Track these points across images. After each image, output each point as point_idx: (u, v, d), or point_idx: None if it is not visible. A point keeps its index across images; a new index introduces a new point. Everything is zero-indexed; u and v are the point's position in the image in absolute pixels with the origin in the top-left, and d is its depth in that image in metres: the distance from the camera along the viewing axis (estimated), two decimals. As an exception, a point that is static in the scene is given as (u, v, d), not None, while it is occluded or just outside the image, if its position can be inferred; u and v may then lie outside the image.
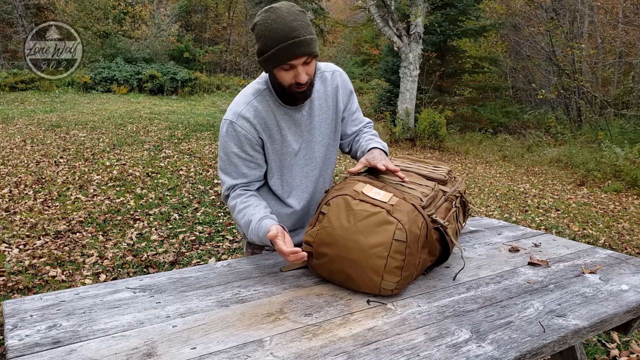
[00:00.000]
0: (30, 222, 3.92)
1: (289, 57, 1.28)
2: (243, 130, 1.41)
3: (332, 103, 1.55)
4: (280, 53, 1.28)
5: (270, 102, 1.44)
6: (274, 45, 1.27)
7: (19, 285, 2.83)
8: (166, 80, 16.55)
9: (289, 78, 1.34)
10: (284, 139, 1.46)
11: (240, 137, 1.42)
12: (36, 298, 1.15)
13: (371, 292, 1.20)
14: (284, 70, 1.33)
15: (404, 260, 1.17)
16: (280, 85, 1.37)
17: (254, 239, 1.41)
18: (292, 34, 1.26)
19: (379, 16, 10.31)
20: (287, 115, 1.46)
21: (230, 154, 1.44)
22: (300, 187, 1.56)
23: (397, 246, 1.16)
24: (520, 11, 13.85)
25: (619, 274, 1.47)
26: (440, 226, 1.28)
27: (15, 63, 16.81)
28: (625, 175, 7.30)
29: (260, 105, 1.43)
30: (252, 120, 1.41)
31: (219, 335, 1.01)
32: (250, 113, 1.41)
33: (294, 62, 1.30)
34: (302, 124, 1.49)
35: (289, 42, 1.26)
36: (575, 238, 4.39)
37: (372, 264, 1.16)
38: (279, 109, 1.45)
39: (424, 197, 1.30)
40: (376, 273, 1.17)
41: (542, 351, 1.04)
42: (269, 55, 1.29)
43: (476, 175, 7.65)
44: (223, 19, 23.74)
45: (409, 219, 1.18)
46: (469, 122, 13.04)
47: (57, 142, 7.18)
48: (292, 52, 1.28)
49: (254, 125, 1.42)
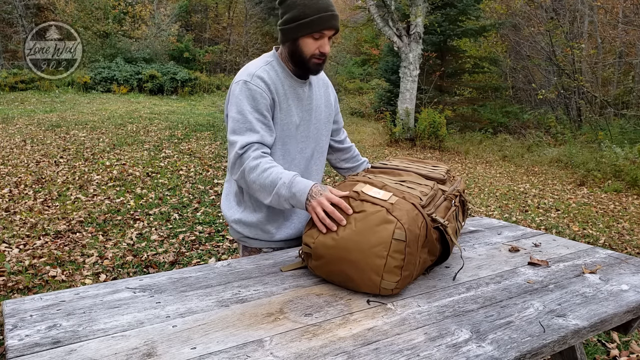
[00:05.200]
0: (30, 222, 3.92)
1: (326, 26, 1.40)
2: (258, 88, 1.43)
3: (324, 94, 1.66)
4: (319, 21, 1.39)
5: (280, 72, 1.50)
6: (314, 13, 1.38)
7: (19, 285, 2.83)
8: (166, 80, 16.55)
9: (313, 48, 1.43)
10: (289, 109, 1.51)
11: (256, 95, 1.43)
12: (36, 298, 1.15)
13: (371, 292, 1.20)
14: (312, 40, 1.42)
15: (403, 259, 1.16)
16: (301, 55, 1.44)
17: (278, 197, 1.35)
18: (331, 7, 1.42)
19: (379, 16, 10.31)
20: (291, 88, 1.52)
21: (245, 112, 1.42)
22: (294, 161, 1.57)
23: (396, 245, 1.16)
24: (520, 11, 13.85)
25: (619, 274, 1.47)
26: (440, 225, 1.27)
27: (15, 63, 16.80)
28: (625, 175, 7.30)
29: (271, 71, 1.49)
30: (267, 81, 1.45)
31: (219, 335, 1.01)
32: (264, 74, 1.46)
33: (327, 32, 1.43)
34: (304, 100, 1.55)
35: (329, 14, 1.40)
36: (575, 238, 4.39)
37: (372, 264, 1.16)
38: (286, 79, 1.51)
39: (423, 197, 1.29)
40: (376, 273, 1.16)
41: (542, 351, 1.04)
42: (307, 22, 1.39)
43: (476, 175, 7.65)
44: (223, 19, 23.73)
45: (408, 217, 1.18)
46: (469, 122, 13.04)
47: (57, 142, 7.18)
48: (329, 22, 1.41)
49: (268, 85, 1.46)
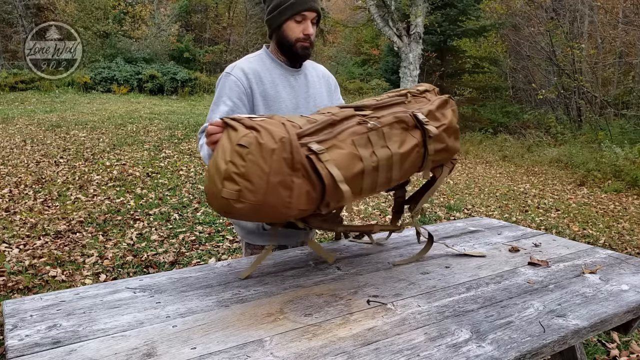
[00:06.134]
0: (30, 222, 3.92)
1: (305, 7, 1.48)
2: (234, 77, 1.52)
3: (324, 83, 1.70)
4: (298, 2, 1.47)
5: (268, 62, 1.58)
6: None
7: (19, 285, 2.83)
8: (166, 80, 16.54)
9: (298, 31, 1.50)
10: (278, 96, 1.55)
11: (231, 84, 1.52)
12: (36, 298, 1.15)
13: (217, 204, 1.12)
14: (295, 23, 1.49)
15: (244, 167, 1.07)
16: (288, 40, 1.52)
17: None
18: None
19: (379, 16, 10.31)
20: (283, 77, 1.58)
21: (218, 99, 1.54)
22: None
23: (239, 151, 1.07)
24: (520, 11, 13.84)
25: (619, 274, 1.47)
26: (313, 153, 1.13)
27: (15, 63, 16.80)
28: (625, 175, 7.29)
29: (257, 62, 1.57)
30: (246, 71, 1.53)
31: (219, 335, 1.01)
32: (245, 66, 1.55)
33: (307, 13, 1.49)
34: (298, 89, 1.60)
35: None
36: (575, 238, 4.39)
37: (217, 170, 1.10)
38: (277, 68, 1.58)
39: (310, 123, 1.19)
40: (219, 179, 1.09)
41: (542, 351, 1.04)
42: (287, 5, 1.47)
43: (476, 175, 7.65)
44: (223, 19, 23.72)
45: (265, 132, 1.08)
46: (469, 122, 13.03)
47: (57, 142, 7.18)
48: (308, 3, 1.48)
49: (247, 74, 1.53)
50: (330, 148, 1.16)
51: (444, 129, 1.34)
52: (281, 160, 1.09)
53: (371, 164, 1.21)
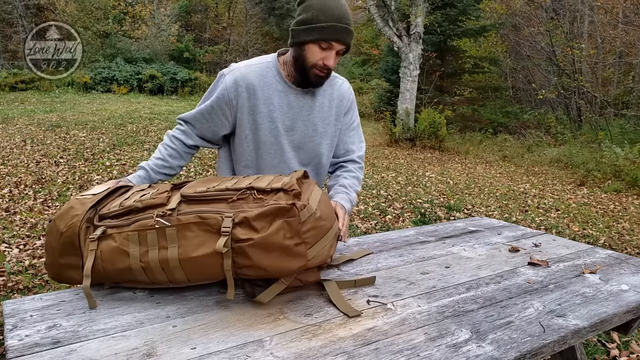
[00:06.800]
0: (30, 222, 3.92)
1: (336, 37, 1.34)
2: (224, 85, 1.44)
3: (336, 106, 1.55)
4: (330, 30, 1.32)
5: (271, 76, 1.45)
6: (327, 20, 1.32)
7: (19, 285, 2.82)
8: (166, 80, 16.55)
9: (317, 57, 1.37)
10: (270, 115, 1.45)
11: (216, 91, 1.46)
12: (36, 298, 1.15)
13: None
14: (319, 48, 1.36)
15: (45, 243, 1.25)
16: (304, 62, 1.38)
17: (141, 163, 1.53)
18: (346, 19, 1.35)
19: (379, 16, 10.31)
20: (283, 94, 1.45)
21: (206, 96, 1.50)
22: (273, 170, 1.51)
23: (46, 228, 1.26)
24: (520, 11, 13.84)
25: (619, 274, 1.47)
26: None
27: (15, 63, 16.80)
28: (625, 175, 7.29)
29: (258, 73, 1.44)
30: (239, 82, 1.43)
31: (219, 335, 1.01)
32: (242, 75, 1.43)
33: (336, 44, 1.35)
34: (298, 110, 1.48)
35: (342, 25, 1.34)
36: (575, 238, 4.39)
37: None
38: (278, 84, 1.45)
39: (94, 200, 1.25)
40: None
41: (542, 351, 1.04)
42: (318, 27, 1.33)
43: (476, 175, 7.65)
44: (223, 19, 23.72)
45: (58, 217, 1.21)
46: (469, 122, 13.03)
47: (57, 142, 7.17)
48: (340, 34, 1.34)
49: (238, 85, 1.43)
50: (108, 237, 1.16)
51: (251, 243, 1.09)
52: (66, 242, 1.18)
53: (140, 263, 1.13)
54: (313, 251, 1.15)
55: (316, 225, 1.16)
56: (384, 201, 5.25)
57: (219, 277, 1.14)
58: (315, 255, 1.16)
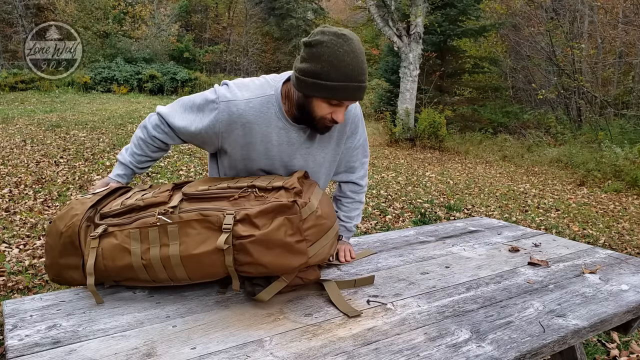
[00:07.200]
0: (30, 222, 3.92)
1: (349, 97, 1.19)
2: (216, 116, 1.27)
3: (336, 134, 1.42)
4: (343, 90, 1.17)
5: (272, 112, 1.29)
6: (340, 79, 1.16)
7: (19, 285, 2.82)
8: (166, 80, 16.55)
9: (326, 112, 1.23)
10: (267, 153, 1.33)
11: (206, 116, 1.29)
12: (36, 298, 1.15)
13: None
14: (328, 104, 1.22)
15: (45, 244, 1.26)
16: (310, 114, 1.25)
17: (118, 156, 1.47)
18: (361, 76, 1.18)
19: (379, 16, 10.31)
20: (284, 131, 1.31)
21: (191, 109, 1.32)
22: None
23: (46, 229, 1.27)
24: (520, 11, 13.84)
25: (619, 274, 1.47)
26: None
27: (15, 63, 16.80)
28: (625, 175, 7.29)
29: (257, 110, 1.28)
30: (235, 118, 1.27)
31: (219, 335, 1.01)
32: (239, 110, 1.27)
33: (348, 102, 1.23)
34: (298, 145, 1.35)
35: (356, 84, 1.18)
36: (575, 238, 4.39)
37: None
38: (279, 121, 1.30)
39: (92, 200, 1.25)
40: None
41: (542, 351, 1.04)
42: (327, 86, 1.16)
43: (476, 175, 7.65)
44: (223, 19, 23.73)
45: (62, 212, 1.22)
46: (469, 122, 13.03)
47: (57, 142, 7.17)
48: (354, 94, 1.19)
49: (233, 121, 1.27)
50: (109, 234, 1.17)
51: (252, 240, 1.10)
52: (66, 242, 1.19)
53: (141, 260, 1.13)
54: (314, 249, 1.16)
55: (317, 223, 1.17)
56: (384, 201, 5.25)
57: (220, 275, 1.15)
58: (316, 253, 1.17)
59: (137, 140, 1.42)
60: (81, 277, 1.18)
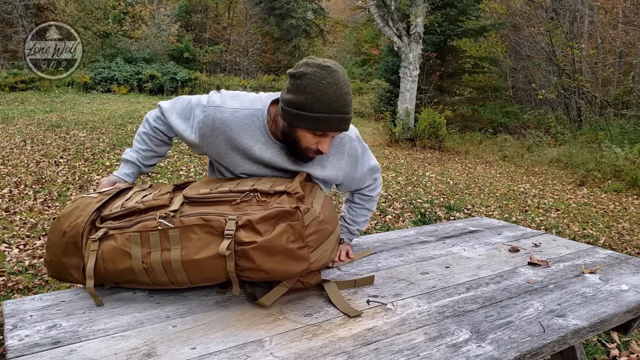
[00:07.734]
0: (30, 222, 3.92)
1: (332, 128, 1.19)
2: (202, 120, 1.29)
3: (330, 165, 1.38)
4: (325, 121, 1.17)
5: (256, 126, 1.29)
6: (323, 111, 1.15)
7: (19, 285, 2.82)
8: (166, 81, 16.55)
9: (311, 142, 1.23)
10: (250, 170, 1.34)
11: (195, 118, 1.32)
12: (36, 298, 1.15)
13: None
14: (312, 135, 1.21)
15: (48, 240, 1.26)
16: (295, 143, 1.25)
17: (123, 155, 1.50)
18: (345, 108, 1.18)
19: (379, 16, 10.31)
20: (265, 146, 1.30)
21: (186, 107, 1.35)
22: None
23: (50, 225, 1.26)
24: (520, 11, 13.84)
25: (619, 274, 1.47)
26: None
27: (15, 63, 16.80)
28: (625, 175, 7.29)
29: (242, 122, 1.29)
30: (217, 125, 1.28)
31: (219, 335, 1.01)
32: (223, 120, 1.28)
33: (332, 134, 1.23)
34: (281, 164, 1.33)
35: (339, 116, 1.17)
36: (575, 238, 4.39)
37: None
38: (262, 136, 1.30)
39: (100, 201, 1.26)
40: None
41: (542, 351, 1.04)
42: (311, 117, 1.16)
43: (476, 175, 7.65)
44: (223, 19, 23.73)
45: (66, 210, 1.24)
46: (469, 122, 13.03)
47: (57, 142, 7.17)
48: (337, 126, 1.19)
49: (214, 129, 1.29)
50: (109, 237, 1.17)
51: (254, 246, 1.09)
52: (69, 242, 1.19)
53: (141, 264, 1.13)
54: (315, 254, 1.16)
55: (319, 229, 1.17)
56: (384, 201, 5.25)
57: (221, 279, 1.15)
58: (317, 258, 1.17)
59: (141, 134, 1.46)
60: (81, 276, 1.19)
